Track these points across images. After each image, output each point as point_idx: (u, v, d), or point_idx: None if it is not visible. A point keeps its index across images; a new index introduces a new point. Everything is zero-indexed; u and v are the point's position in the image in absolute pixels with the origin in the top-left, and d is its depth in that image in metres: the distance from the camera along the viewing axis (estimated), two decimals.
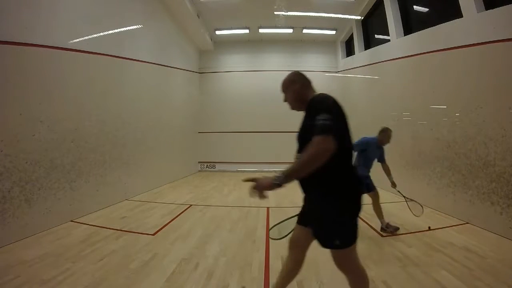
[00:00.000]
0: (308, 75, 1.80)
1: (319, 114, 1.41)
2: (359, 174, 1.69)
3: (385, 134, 3.83)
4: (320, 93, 1.64)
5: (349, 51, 10.10)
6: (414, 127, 5.66)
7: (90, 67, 4.74)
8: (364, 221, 4.32)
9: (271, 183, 1.38)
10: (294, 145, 1.70)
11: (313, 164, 1.35)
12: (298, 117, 1.73)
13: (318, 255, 3.04)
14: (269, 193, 1.42)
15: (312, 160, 1.35)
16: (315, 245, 1.45)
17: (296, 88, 1.74)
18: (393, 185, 4.07)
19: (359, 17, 8.66)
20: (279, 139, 10.36)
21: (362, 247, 3.23)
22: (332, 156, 1.36)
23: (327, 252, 1.58)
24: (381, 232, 3.79)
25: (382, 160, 4.04)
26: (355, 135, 1.76)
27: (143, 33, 6.55)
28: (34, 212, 3.63)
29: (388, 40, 6.92)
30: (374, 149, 3.87)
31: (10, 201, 3.33)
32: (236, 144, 10.80)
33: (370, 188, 3.81)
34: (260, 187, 1.41)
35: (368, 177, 3.88)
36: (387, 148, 4.00)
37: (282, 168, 1.38)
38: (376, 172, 4.04)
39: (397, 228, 3.80)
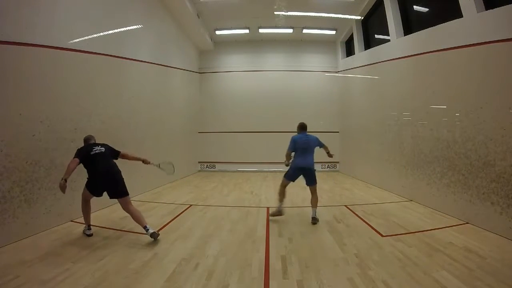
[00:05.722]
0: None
1: None
2: None
3: None
4: None
5: (349, 51, 10.08)
6: (414, 127, 5.65)
7: (90, 67, 4.73)
8: (364, 221, 4.32)
9: None
10: None
11: None
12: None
13: (318, 255, 3.07)
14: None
15: None
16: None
17: None
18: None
19: (359, 17, 8.64)
20: (279, 139, 10.18)
21: (362, 247, 3.23)
22: None
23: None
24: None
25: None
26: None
27: (143, 33, 6.53)
28: (34, 212, 3.62)
29: (388, 40, 6.91)
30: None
31: (10, 201, 3.32)
32: (236, 144, 10.77)
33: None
34: None
35: None
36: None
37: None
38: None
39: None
